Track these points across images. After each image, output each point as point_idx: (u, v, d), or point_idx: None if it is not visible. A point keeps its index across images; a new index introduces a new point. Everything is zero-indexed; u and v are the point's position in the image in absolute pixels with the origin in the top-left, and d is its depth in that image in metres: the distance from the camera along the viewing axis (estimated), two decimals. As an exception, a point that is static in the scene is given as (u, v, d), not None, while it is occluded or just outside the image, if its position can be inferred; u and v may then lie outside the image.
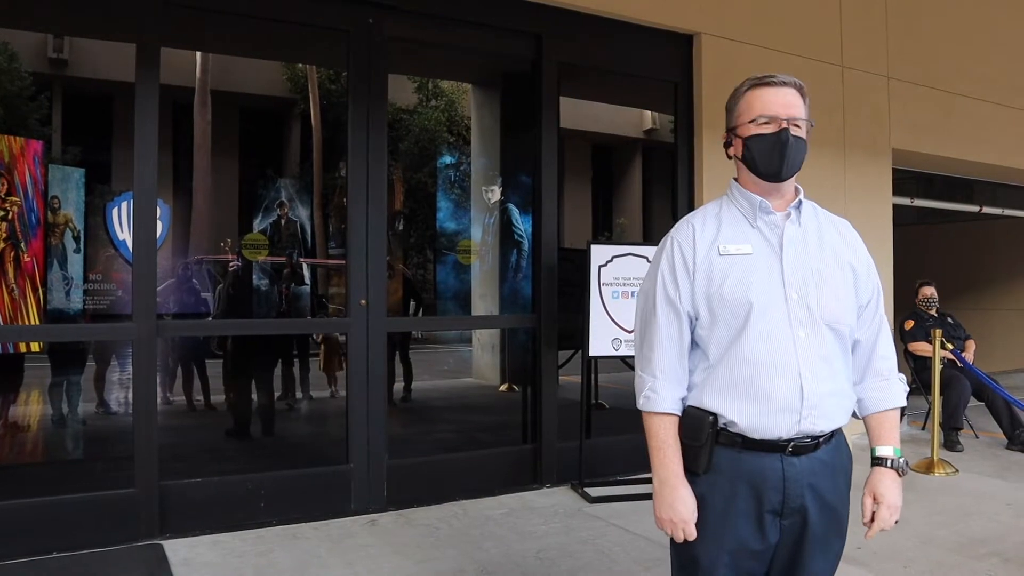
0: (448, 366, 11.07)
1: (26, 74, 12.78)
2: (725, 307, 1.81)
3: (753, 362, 1.78)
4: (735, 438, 1.81)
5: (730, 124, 1.95)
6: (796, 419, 1.79)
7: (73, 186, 5.45)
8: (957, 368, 6.45)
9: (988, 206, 8.76)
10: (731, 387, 1.80)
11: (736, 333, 1.80)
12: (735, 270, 1.82)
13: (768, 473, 1.80)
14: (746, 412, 1.79)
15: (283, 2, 4.51)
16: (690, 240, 1.88)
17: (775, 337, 1.79)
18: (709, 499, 1.82)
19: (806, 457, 1.83)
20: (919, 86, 6.80)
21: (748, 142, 1.87)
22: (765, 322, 1.79)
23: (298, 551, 3.88)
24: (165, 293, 6.78)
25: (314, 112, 15.17)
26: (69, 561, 3.68)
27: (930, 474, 5.49)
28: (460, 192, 10.28)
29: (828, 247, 1.91)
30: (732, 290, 1.81)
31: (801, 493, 1.82)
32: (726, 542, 1.82)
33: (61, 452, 6.27)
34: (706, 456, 1.81)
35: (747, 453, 1.81)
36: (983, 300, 11.30)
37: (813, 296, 1.83)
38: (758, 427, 1.79)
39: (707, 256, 1.85)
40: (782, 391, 1.78)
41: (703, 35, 5.62)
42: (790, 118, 1.86)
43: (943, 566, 3.75)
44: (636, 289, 5.00)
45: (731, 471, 1.81)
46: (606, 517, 4.45)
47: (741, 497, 1.81)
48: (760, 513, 1.81)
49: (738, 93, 1.93)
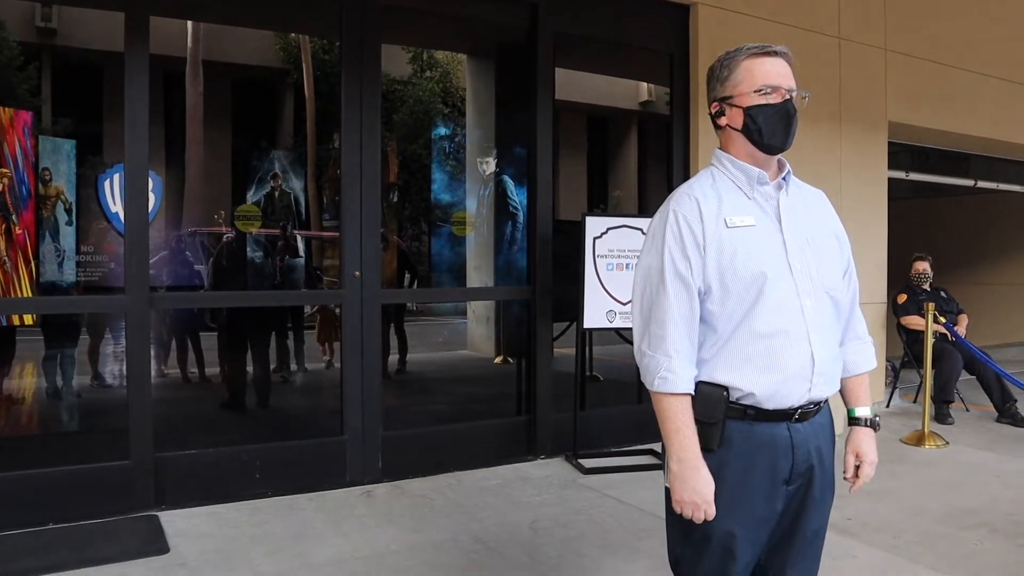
0: (443, 338, 11.08)
1: (14, 43, 12.61)
2: (738, 280, 1.79)
3: (768, 333, 1.79)
4: (747, 410, 1.81)
5: (722, 93, 1.90)
6: (807, 387, 1.82)
7: (64, 158, 5.40)
8: (949, 342, 6.48)
9: (983, 180, 8.75)
10: (747, 359, 1.79)
11: (749, 305, 1.79)
12: (744, 242, 1.81)
13: (779, 441, 1.83)
14: (763, 383, 1.79)
15: (275, -30, 4.45)
16: (696, 213, 1.82)
17: (785, 307, 1.80)
18: (723, 474, 1.81)
19: (808, 423, 1.87)
20: (916, 58, 6.75)
21: (751, 112, 1.84)
22: (776, 293, 1.79)
23: (293, 522, 3.91)
24: (158, 265, 6.75)
25: (307, 82, 15.03)
26: (65, 532, 3.70)
27: (921, 446, 5.53)
28: (455, 164, 10.23)
29: (816, 216, 1.95)
30: (745, 263, 1.79)
31: (807, 458, 1.86)
32: (740, 516, 1.82)
33: (56, 424, 6.28)
34: (719, 431, 1.80)
35: (758, 424, 1.81)
36: (976, 274, 11.33)
37: (813, 265, 1.85)
38: (774, 397, 1.80)
39: (715, 229, 1.81)
40: (796, 360, 1.80)
41: (699, 5, 5.57)
42: (791, 88, 1.86)
43: (933, 536, 3.79)
44: (631, 261, 5.01)
45: (744, 444, 1.81)
46: (600, 488, 4.49)
47: (757, 468, 1.82)
48: (774, 482, 1.83)
49: (732, 61, 1.88)
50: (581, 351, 5.23)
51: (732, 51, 1.90)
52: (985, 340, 8.54)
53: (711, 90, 1.94)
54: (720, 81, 1.91)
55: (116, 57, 4.10)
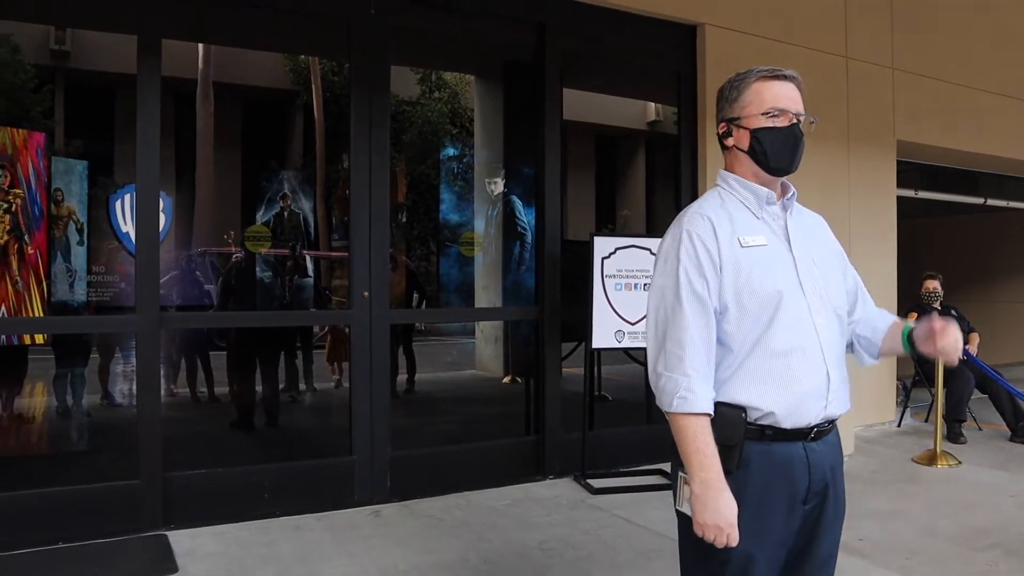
0: (451, 358, 11.07)
1: (29, 66, 12.76)
2: (755, 299, 1.79)
3: (785, 351, 1.78)
4: (765, 430, 1.79)
5: (731, 114, 1.90)
6: (823, 404, 1.82)
7: (76, 178, 5.45)
8: (961, 360, 6.42)
9: (993, 198, 8.73)
10: (766, 378, 1.78)
11: (765, 324, 1.79)
12: (759, 262, 1.81)
13: (796, 461, 1.82)
14: (782, 401, 1.78)
15: (285, -7, 4.50)
16: (711, 233, 1.81)
17: (800, 325, 1.80)
18: (742, 496, 1.77)
19: (823, 441, 1.87)
20: (924, 77, 6.76)
21: (757, 134, 1.85)
22: (791, 311, 1.80)
23: (301, 542, 3.89)
24: (168, 285, 6.79)
25: (316, 103, 15.14)
26: (74, 551, 3.70)
27: (933, 466, 5.48)
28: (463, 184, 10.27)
29: (819, 238, 1.97)
30: (761, 282, 1.79)
31: (823, 477, 1.85)
32: (760, 538, 1.79)
33: (66, 443, 6.29)
34: (738, 453, 1.77)
35: (776, 444, 1.80)
36: (987, 292, 11.27)
37: (821, 284, 1.87)
38: (793, 415, 1.79)
39: (730, 249, 1.80)
40: (812, 377, 1.80)
41: (706, 25, 5.60)
42: (798, 113, 1.87)
43: (945, 557, 3.75)
44: (639, 281, 5.01)
45: (762, 465, 1.79)
46: (609, 508, 4.46)
47: (776, 489, 1.80)
48: (793, 503, 1.82)
49: (743, 83, 1.89)
50: (589, 371, 5.22)
51: (743, 73, 1.91)
52: (997, 359, 8.49)
53: (720, 110, 1.94)
54: (729, 102, 1.91)
55: (128, 79, 4.15)
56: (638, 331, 5.04)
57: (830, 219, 2.08)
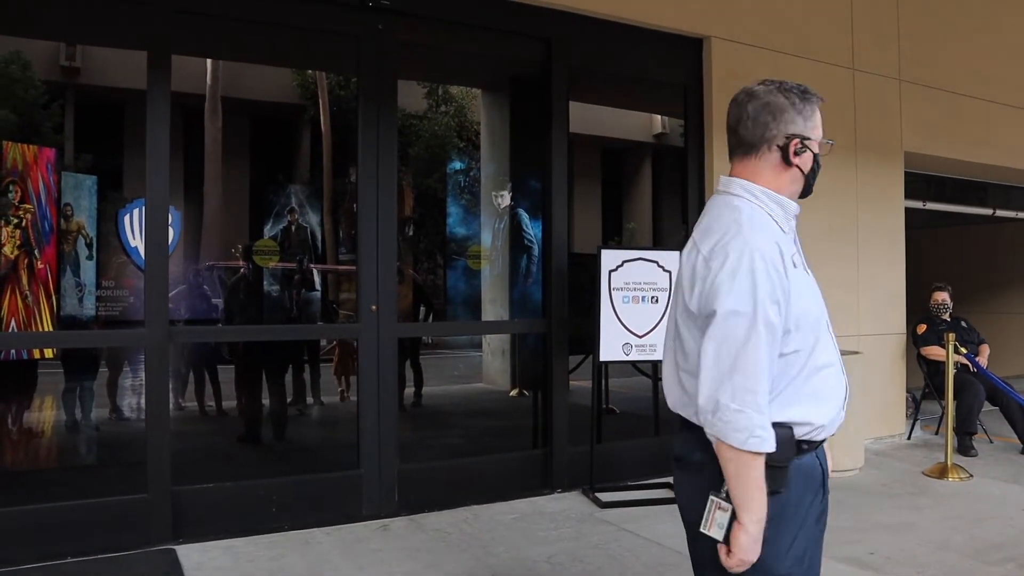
0: (458, 371, 11.06)
1: (39, 82, 12.87)
2: (810, 319, 1.80)
3: (824, 365, 1.83)
4: (802, 445, 1.81)
5: (805, 132, 1.83)
6: (843, 412, 1.89)
7: (85, 193, 5.48)
8: (971, 372, 6.40)
9: (1002, 209, 8.70)
10: (814, 394, 1.81)
11: (813, 343, 1.81)
12: (806, 283, 1.83)
13: (815, 469, 1.87)
14: (826, 414, 1.83)
15: (293, 8, 4.53)
16: (778, 257, 1.74)
17: (830, 341, 1.88)
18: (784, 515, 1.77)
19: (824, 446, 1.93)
20: (931, 88, 6.77)
21: (818, 160, 1.88)
22: (826, 328, 1.87)
23: (310, 556, 3.89)
24: (176, 299, 6.81)
25: (324, 118, 15.20)
26: (83, 566, 3.70)
27: (944, 479, 5.44)
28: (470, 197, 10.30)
29: None
30: (812, 303, 1.82)
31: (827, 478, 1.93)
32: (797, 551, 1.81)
33: (74, 457, 6.30)
34: (787, 473, 1.76)
35: (804, 456, 1.82)
36: (997, 304, 11.22)
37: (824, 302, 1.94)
38: (830, 427, 1.85)
39: (791, 271, 1.76)
40: (840, 389, 1.88)
41: (713, 39, 5.62)
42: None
43: (957, 571, 3.72)
44: (647, 294, 5.01)
45: (796, 479, 1.79)
46: (617, 522, 4.44)
47: (808, 501, 1.84)
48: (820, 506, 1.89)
49: (810, 104, 1.84)
50: (597, 384, 5.21)
51: (802, 88, 1.85)
52: (1008, 370, 8.44)
53: (786, 121, 1.82)
54: (805, 118, 1.84)
55: (137, 94, 4.18)
56: (645, 344, 5.03)
57: (838, 230, 2.10)
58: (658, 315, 5.02)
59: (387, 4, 4.64)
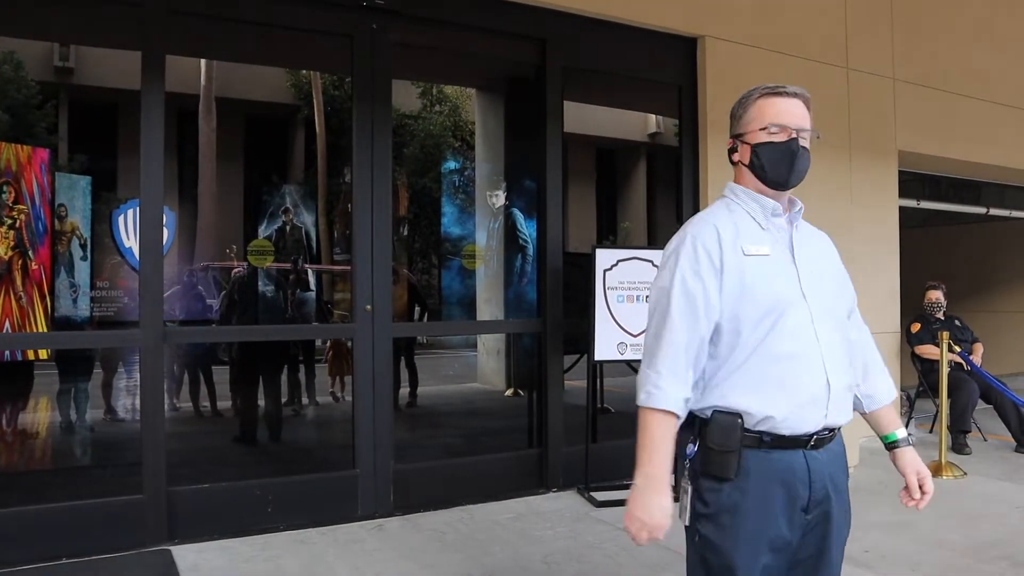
0: (453, 371, 11.07)
1: (32, 83, 12.84)
2: (757, 306, 1.82)
3: (784, 357, 1.81)
4: (763, 437, 1.80)
5: (736, 131, 1.98)
6: (823, 412, 1.83)
7: (80, 194, 5.48)
8: (964, 371, 6.43)
9: (995, 208, 8.73)
10: (764, 382, 1.80)
11: (767, 330, 1.81)
12: (760, 270, 1.85)
13: (796, 469, 1.82)
14: (780, 405, 1.79)
15: (287, 9, 4.52)
16: (715, 239, 1.85)
17: (801, 332, 1.83)
18: (744, 505, 1.79)
19: (824, 450, 1.88)
20: (925, 87, 6.78)
21: (757, 149, 1.91)
22: (792, 318, 1.83)
23: (305, 556, 3.88)
24: (171, 300, 6.80)
25: (318, 118, 15.21)
26: (78, 567, 3.69)
27: (938, 477, 5.46)
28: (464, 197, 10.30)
29: (823, 252, 2.02)
30: (763, 289, 1.83)
31: (824, 486, 1.86)
32: (763, 547, 1.80)
33: (69, 459, 6.29)
34: (736, 460, 1.78)
35: (775, 452, 1.81)
36: (991, 302, 11.25)
37: (826, 296, 1.91)
38: (791, 422, 1.80)
39: (733, 256, 1.84)
40: (811, 385, 1.82)
41: (707, 38, 5.62)
42: (799, 128, 1.91)
43: (952, 569, 3.73)
44: (641, 293, 5.01)
45: (762, 473, 1.80)
46: (612, 521, 4.44)
47: (776, 498, 1.81)
48: (794, 510, 1.82)
49: (747, 100, 1.97)
50: (592, 383, 5.21)
51: (751, 90, 1.98)
52: (1001, 369, 8.46)
53: (730, 128, 2.01)
54: (736, 119, 1.99)
55: (131, 95, 4.17)
56: (640, 343, 5.02)
57: (832, 230, 2.10)
58: (653, 314, 5.02)
59: (381, 4, 4.63)
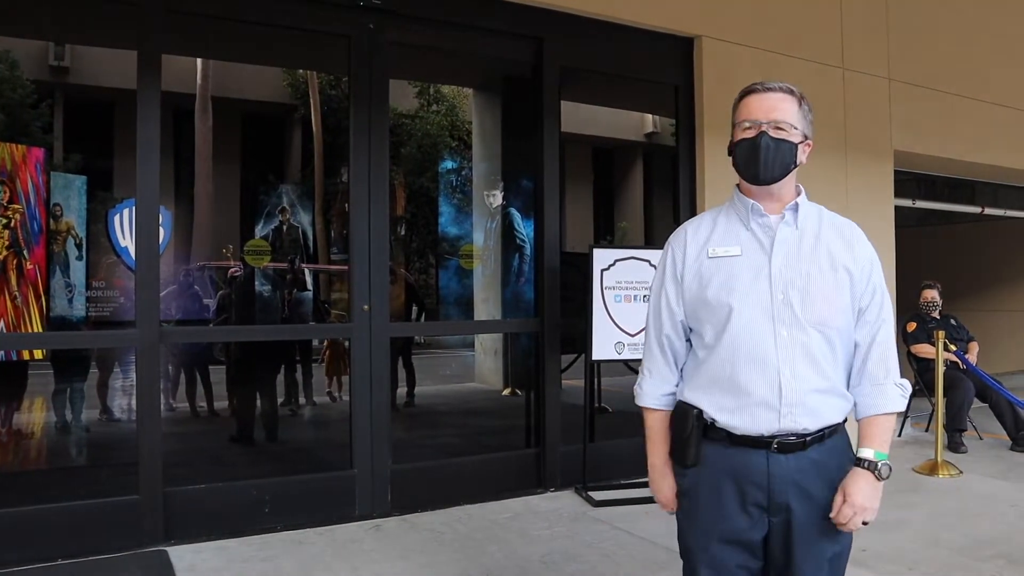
0: (451, 371, 11.05)
1: (28, 82, 12.80)
2: (709, 309, 1.91)
3: (733, 359, 1.86)
4: (721, 433, 1.89)
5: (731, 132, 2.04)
6: (776, 416, 1.84)
7: (75, 193, 5.46)
8: (960, 370, 6.44)
9: (990, 207, 8.75)
10: (712, 383, 1.90)
11: (719, 332, 1.88)
12: (721, 272, 1.91)
13: (752, 468, 1.86)
14: (725, 406, 1.88)
15: (284, 8, 4.51)
16: (682, 245, 2.00)
17: (756, 336, 1.85)
18: (695, 492, 1.94)
19: (794, 456, 1.86)
20: (920, 87, 6.79)
21: (734, 148, 1.97)
22: (745, 321, 1.86)
23: (303, 556, 3.88)
24: (167, 299, 6.79)
25: (315, 117, 15.18)
26: (74, 568, 3.68)
27: (934, 476, 5.48)
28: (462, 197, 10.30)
29: (823, 249, 1.91)
30: (716, 292, 1.90)
31: (785, 490, 1.85)
32: (713, 533, 1.90)
33: (65, 459, 6.27)
34: (693, 449, 1.91)
35: (733, 448, 1.88)
36: (986, 301, 11.28)
37: (799, 297, 1.86)
38: (737, 421, 1.87)
39: (696, 260, 1.96)
40: (760, 387, 1.84)
41: (704, 38, 5.62)
42: (771, 121, 1.90)
43: (948, 568, 3.74)
44: (639, 293, 5.03)
45: (716, 465, 1.90)
46: (610, 520, 4.45)
47: (725, 490, 1.89)
48: (745, 504, 1.87)
49: (736, 101, 2.01)
50: (590, 383, 5.21)
51: None
52: (996, 367, 8.49)
53: None
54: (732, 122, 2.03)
55: (127, 94, 4.16)
56: (638, 343, 5.04)
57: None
58: (650, 314, 5.03)
59: (378, 3, 4.63)
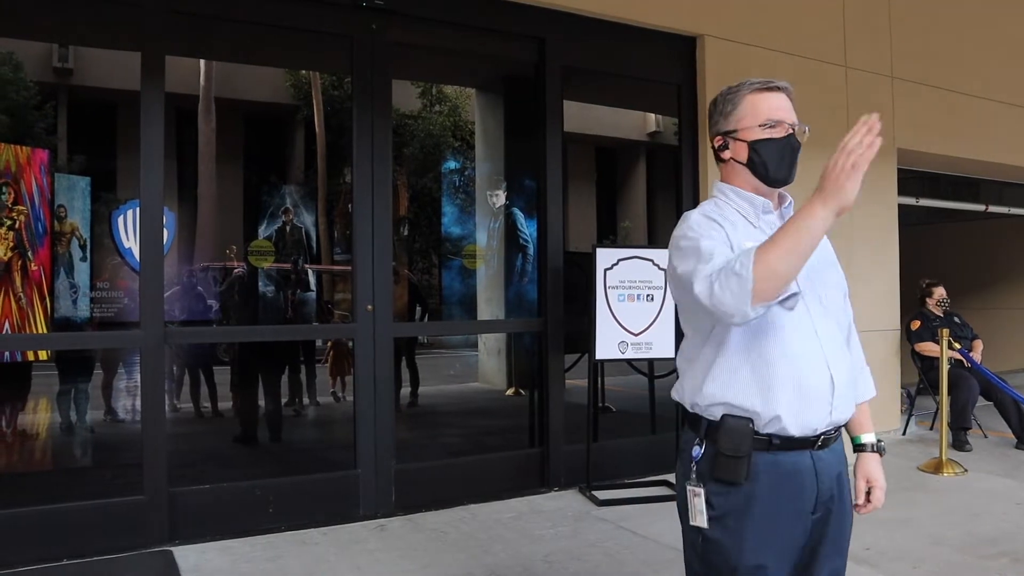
0: (454, 371, 11.06)
1: (32, 83, 12.84)
2: None
3: (787, 356, 1.75)
4: (772, 440, 1.76)
5: (726, 127, 1.90)
6: (828, 410, 1.79)
7: (79, 194, 5.47)
8: (965, 368, 6.43)
9: (994, 205, 8.73)
10: (770, 383, 1.75)
11: (763, 330, 1.76)
12: None
13: (804, 471, 1.79)
14: (790, 407, 1.75)
15: (287, 9, 4.52)
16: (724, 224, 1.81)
17: (801, 330, 1.78)
18: (751, 508, 1.75)
19: (829, 449, 1.84)
20: (923, 85, 6.78)
21: (756, 146, 1.84)
22: (790, 315, 1.76)
23: (307, 556, 3.88)
24: (171, 300, 6.80)
25: (318, 118, 15.20)
26: (79, 568, 3.69)
27: (939, 474, 5.47)
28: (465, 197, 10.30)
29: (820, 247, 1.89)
30: None
31: (831, 486, 1.83)
32: (771, 549, 1.76)
33: (70, 460, 6.29)
34: (746, 464, 1.74)
35: (783, 454, 1.77)
36: (990, 299, 11.26)
37: (820, 290, 1.85)
38: (801, 421, 1.76)
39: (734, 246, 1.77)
40: (816, 382, 1.77)
41: (706, 37, 5.62)
42: (793, 123, 1.87)
43: (953, 566, 3.74)
44: (642, 292, 5.02)
45: (771, 476, 1.76)
46: (614, 520, 4.45)
47: (784, 501, 1.77)
48: (801, 513, 1.79)
49: (737, 95, 1.89)
50: (593, 382, 5.21)
51: (735, 86, 1.91)
52: (1001, 365, 8.47)
53: (713, 124, 1.94)
54: (724, 116, 1.91)
55: (131, 95, 4.17)
56: (641, 342, 5.04)
57: (831, 229, 2.07)
58: (654, 313, 5.03)
59: (381, 4, 4.63)
